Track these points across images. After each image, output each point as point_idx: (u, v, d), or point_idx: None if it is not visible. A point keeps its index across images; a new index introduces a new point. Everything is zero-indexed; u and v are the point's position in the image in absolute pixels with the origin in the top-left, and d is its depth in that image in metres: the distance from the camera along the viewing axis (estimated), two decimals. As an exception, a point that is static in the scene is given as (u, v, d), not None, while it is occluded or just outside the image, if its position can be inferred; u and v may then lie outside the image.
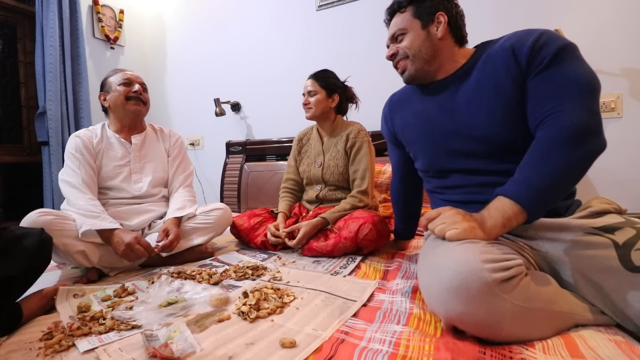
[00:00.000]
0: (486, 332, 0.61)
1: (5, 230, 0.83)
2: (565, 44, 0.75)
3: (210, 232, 1.34)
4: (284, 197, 1.61)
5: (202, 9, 2.71)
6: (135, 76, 1.41)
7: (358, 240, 1.23)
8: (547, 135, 0.72)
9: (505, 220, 0.70)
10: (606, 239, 0.67)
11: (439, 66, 0.92)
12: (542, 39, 0.76)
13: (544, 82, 0.75)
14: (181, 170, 1.48)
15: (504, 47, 0.82)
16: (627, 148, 1.54)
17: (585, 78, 0.73)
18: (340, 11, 2.19)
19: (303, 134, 1.66)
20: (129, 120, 1.39)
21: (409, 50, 0.92)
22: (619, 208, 0.77)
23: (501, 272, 0.59)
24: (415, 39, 0.92)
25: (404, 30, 0.93)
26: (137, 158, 1.39)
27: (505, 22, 1.73)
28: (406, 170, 1.14)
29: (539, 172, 0.70)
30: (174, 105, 2.89)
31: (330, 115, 1.52)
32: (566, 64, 0.74)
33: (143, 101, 1.40)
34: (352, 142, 1.45)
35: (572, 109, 0.71)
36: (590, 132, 0.70)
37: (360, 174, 1.43)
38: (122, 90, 1.34)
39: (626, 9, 1.53)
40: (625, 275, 0.63)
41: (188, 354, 0.62)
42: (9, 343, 0.69)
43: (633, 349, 0.57)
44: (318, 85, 1.48)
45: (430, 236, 0.83)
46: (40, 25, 2.14)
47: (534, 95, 0.77)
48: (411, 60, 0.93)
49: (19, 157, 2.23)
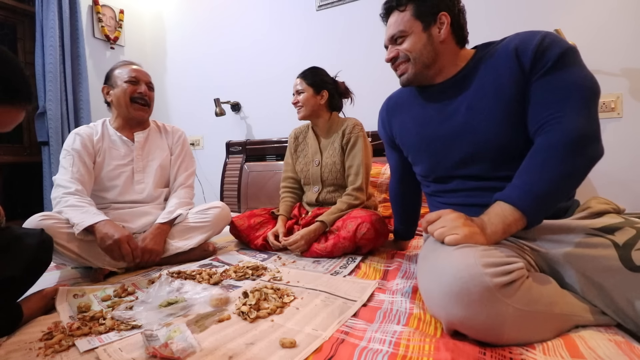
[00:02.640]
0: (488, 336, 0.61)
1: (7, 230, 0.83)
2: (568, 48, 0.75)
3: (208, 230, 1.33)
4: (284, 198, 1.60)
5: (202, 9, 2.71)
6: (144, 73, 1.36)
7: (356, 240, 1.22)
8: (547, 141, 0.72)
9: (505, 226, 0.70)
10: (606, 240, 0.67)
11: (439, 70, 0.90)
12: (545, 41, 0.75)
13: (546, 86, 0.75)
14: (183, 169, 1.45)
15: (507, 49, 0.80)
16: (627, 148, 1.54)
17: (587, 83, 0.73)
18: (340, 11, 2.19)
19: (299, 132, 1.64)
20: (133, 121, 1.37)
21: (410, 53, 0.89)
22: (617, 208, 0.77)
23: (502, 277, 0.59)
24: (417, 42, 0.88)
25: (404, 32, 0.89)
26: (139, 156, 1.36)
27: (505, 22, 1.73)
28: (404, 172, 1.12)
29: (538, 178, 0.70)
30: (174, 105, 2.90)
31: (323, 113, 1.50)
32: (568, 69, 0.74)
33: (148, 104, 1.36)
34: (348, 137, 1.44)
35: (573, 115, 0.71)
36: (589, 138, 0.70)
37: (354, 170, 1.42)
38: (127, 89, 1.30)
39: (626, 9, 1.53)
40: (626, 275, 0.63)
41: (188, 354, 0.62)
42: (9, 343, 0.69)
43: (633, 349, 0.57)
44: (305, 84, 1.46)
45: (430, 238, 0.83)
46: (40, 25, 2.14)
47: (535, 99, 0.76)
48: (412, 64, 0.90)
49: (19, 157, 2.23)
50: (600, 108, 1.57)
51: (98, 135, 1.32)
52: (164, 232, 1.24)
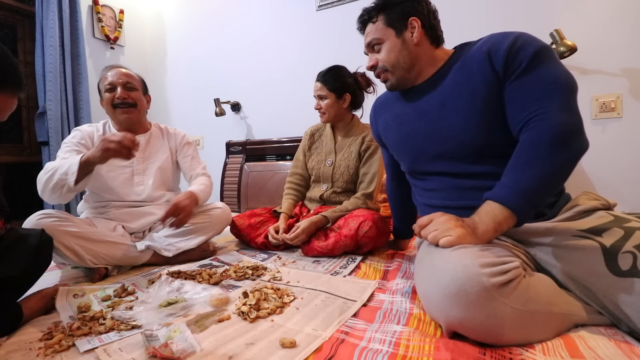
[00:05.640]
0: (487, 336, 0.61)
1: (11, 230, 0.83)
2: (541, 46, 0.75)
3: (209, 231, 1.33)
4: (287, 195, 1.59)
5: (202, 8, 2.71)
6: (119, 75, 1.31)
7: (358, 238, 1.23)
8: (532, 138, 0.72)
9: (496, 224, 0.70)
10: (593, 242, 0.67)
11: (419, 72, 0.93)
12: (517, 42, 0.76)
13: (523, 85, 0.75)
14: (197, 164, 1.48)
15: (480, 51, 0.82)
16: (627, 148, 1.54)
17: (564, 79, 0.74)
18: (340, 11, 2.19)
19: (315, 129, 1.63)
20: (126, 125, 1.36)
21: (387, 63, 0.92)
22: (607, 203, 0.77)
23: (499, 276, 0.59)
24: (392, 49, 0.91)
25: (379, 40, 0.93)
26: (140, 159, 1.36)
27: (504, 21, 1.73)
28: (396, 169, 1.14)
29: (526, 175, 0.71)
30: (174, 105, 2.90)
31: (346, 116, 1.50)
32: (544, 67, 0.74)
33: (131, 104, 1.33)
34: (368, 145, 1.44)
35: (555, 110, 0.71)
36: (573, 132, 0.71)
37: (369, 177, 1.43)
38: (108, 98, 1.30)
39: (626, 9, 1.53)
40: (612, 280, 0.63)
41: (188, 354, 0.62)
42: (9, 343, 0.69)
43: (633, 349, 0.58)
44: (326, 90, 1.45)
45: (424, 242, 0.83)
46: (40, 25, 2.14)
47: (514, 100, 0.77)
48: (391, 72, 0.93)
49: (19, 157, 2.23)
50: (600, 108, 1.58)
51: (99, 133, 1.33)
52: (194, 200, 1.26)
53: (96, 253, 1.10)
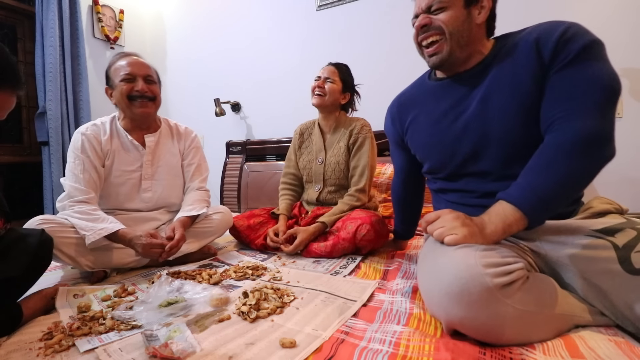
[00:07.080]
0: (488, 336, 0.61)
1: (11, 230, 0.83)
2: (593, 40, 0.70)
3: (211, 235, 1.33)
4: (284, 195, 1.59)
5: (202, 8, 2.71)
6: (139, 66, 1.23)
7: (356, 241, 1.22)
8: (555, 141, 0.70)
9: (506, 226, 0.69)
10: (606, 242, 0.66)
11: (469, 55, 0.84)
12: (569, 32, 0.71)
13: (563, 80, 0.71)
14: (197, 175, 1.40)
15: (527, 40, 0.76)
16: (627, 148, 1.54)
17: (606, 81, 0.69)
18: (340, 11, 2.19)
19: (305, 128, 1.62)
20: (139, 121, 1.27)
21: (447, 26, 0.81)
22: (620, 208, 0.76)
23: (502, 277, 0.59)
24: (456, 17, 0.81)
25: (444, 3, 0.81)
26: (149, 162, 1.28)
27: (504, 20, 1.72)
28: (409, 173, 1.11)
29: (543, 179, 0.68)
30: (174, 105, 2.90)
31: (336, 110, 1.51)
32: (588, 64, 0.69)
33: (151, 98, 1.24)
34: (355, 137, 1.44)
35: (585, 112, 0.68)
36: (599, 139, 0.67)
37: (359, 171, 1.41)
38: (123, 89, 1.19)
39: (626, 9, 1.53)
40: (625, 278, 0.62)
41: (188, 354, 0.62)
42: (9, 343, 0.69)
43: (633, 349, 0.57)
44: (338, 76, 1.45)
45: (430, 238, 0.82)
46: (40, 25, 2.14)
47: (551, 94, 0.72)
48: (447, 40, 0.82)
49: (19, 157, 2.23)
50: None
51: (107, 135, 1.24)
52: (187, 226, 1.24)
53: (94, 258, 1.09)
